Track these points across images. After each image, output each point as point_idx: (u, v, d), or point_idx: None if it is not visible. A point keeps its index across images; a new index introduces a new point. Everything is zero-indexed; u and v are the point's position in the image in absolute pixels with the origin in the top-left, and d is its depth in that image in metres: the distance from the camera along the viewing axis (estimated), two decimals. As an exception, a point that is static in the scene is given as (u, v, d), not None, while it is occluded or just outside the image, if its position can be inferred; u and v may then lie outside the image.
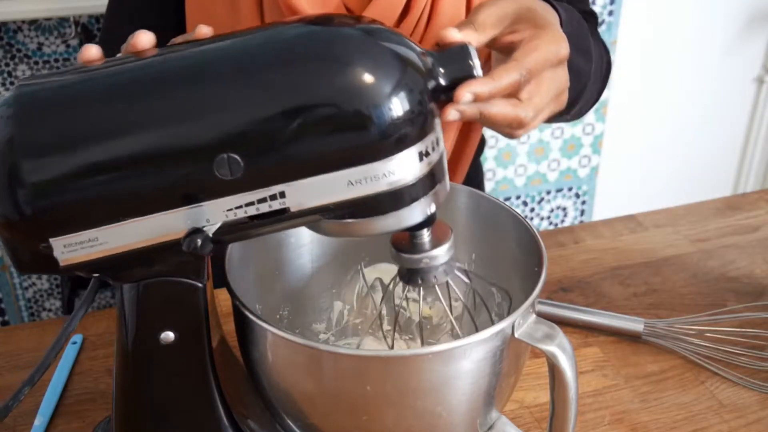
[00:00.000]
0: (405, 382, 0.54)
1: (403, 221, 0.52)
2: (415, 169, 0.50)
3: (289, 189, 0.49)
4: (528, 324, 0.55)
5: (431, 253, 0.56)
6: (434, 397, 0.55)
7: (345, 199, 0.50)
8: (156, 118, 0.49)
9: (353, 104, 0.48)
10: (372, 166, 0.49)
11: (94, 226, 0.50)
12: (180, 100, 0.49)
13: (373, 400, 0.55)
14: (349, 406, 0.56)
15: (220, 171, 0.48)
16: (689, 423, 0.72)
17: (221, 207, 0.50)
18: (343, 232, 0.52)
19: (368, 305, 0.76)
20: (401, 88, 0.49)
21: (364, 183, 0.49)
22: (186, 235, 0.50)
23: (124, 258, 0.52)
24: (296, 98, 0.48)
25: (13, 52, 1.59)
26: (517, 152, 2.07)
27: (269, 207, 0.50)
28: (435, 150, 0.51)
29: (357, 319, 0.76)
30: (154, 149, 0.49)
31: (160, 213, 0.50)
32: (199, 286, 0.55)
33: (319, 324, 0.75)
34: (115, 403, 0.59)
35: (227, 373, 0.61)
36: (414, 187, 0.51)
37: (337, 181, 0.49)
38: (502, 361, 0.56)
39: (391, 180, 0.50)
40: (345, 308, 0.76)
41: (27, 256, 0.51)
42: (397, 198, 0.51)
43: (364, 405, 0.56)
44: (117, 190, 0.49)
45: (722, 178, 2.36)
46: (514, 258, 0.64)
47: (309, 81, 0.48)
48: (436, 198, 0.53)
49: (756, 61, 2.20)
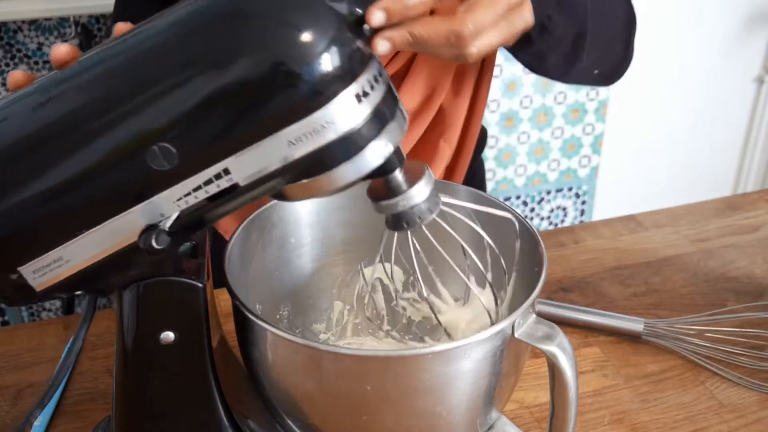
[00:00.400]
0: (405, 382, 0.54)
1: (361, 168, 0.50)
2: (355, 113, 0.48)
3: (232, 164, 0.48)
4: (528, 324, 0.55)
5: (407, 193, 0.54)
6: (434, 397, 0.55)
7: (291, 160, 0.48)
8: (81, 128, 0.48)
9: (271, 63, 0.46)
10: (307, 120, 0.47)
11: (55, 246, 0.50)
12: (100, 105, 0.48)
13: (373, 400, 0.55)
14: (349, 406, 0.56)
15: (156, 163, 0.48)
16: (689, 423, 0.72)
17: (170, 198, 0.49)
18: (305, 193, 0.51)
19: (368, 305, 0.76)
20: (320, 34, 0.46)
21: (305, 139, 0.47)
22: (140, 234, 0.50)
23: (95, 270, 0.52)
24: (207, 73, 0.46)
25: (13, 52, 1.59)
26: (517, 152, 2.07)
27: (218, 187, 0.49)
28: (375, 88, 0.49)
29: (357, 319, 0.76)
30: (87, 159, 0.48)
31: (113, 218, 0.50)
32: (199, 286, 0.55)
33: (319, 324, 0.75)
34: (115, 403, 0.59)
35: (227, 373, 0.61)
36: (360, 132, 0.48)
37: (276, 145, 0.47)
38: (502, 361, 0.56)
39: (331, 130, 0.47)
40: (345, 308, 0.76)
41: (8, 290, 0.53)
42: (345, 146, 0.48)
43: (364, 405, 0.56)
44: (64, 206, 0.49)
45: (722, 178, 2.36)
46: (515, 258, 0.64)
47: (217, 51, 0.46)
48: (392, 137, 0.51)
49: (756, 61, 2.20)
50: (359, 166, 0.50)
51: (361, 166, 0.50)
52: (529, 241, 0.62)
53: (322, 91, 0.46)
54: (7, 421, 0.72)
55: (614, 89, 2.07)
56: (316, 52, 0.46)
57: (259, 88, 0.46)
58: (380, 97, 0.49)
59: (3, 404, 0.74)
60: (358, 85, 0.48)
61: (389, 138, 0.50)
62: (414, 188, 0.54)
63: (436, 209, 0.56)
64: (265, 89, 0.46)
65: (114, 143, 0.48)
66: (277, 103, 0.46)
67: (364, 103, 0.48)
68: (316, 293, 0.74)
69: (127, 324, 0.55)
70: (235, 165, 0.48)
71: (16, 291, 0.52)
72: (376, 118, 0.49)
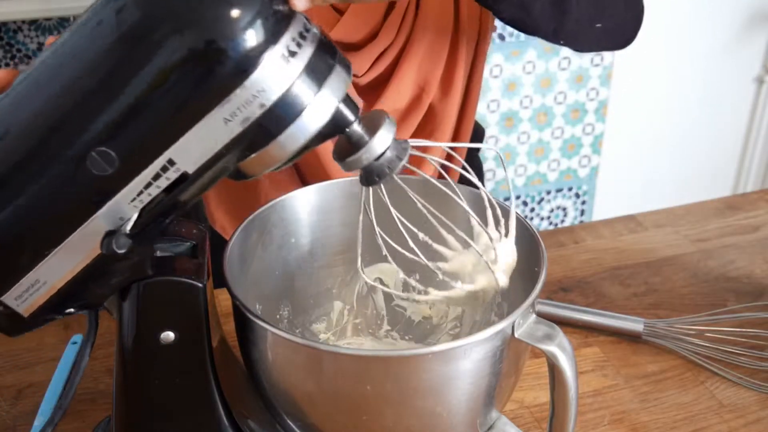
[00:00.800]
0: (405, 382, 0.54)
1: (308, 128, 0.48)
2: (285, 75, 0.46)
3: (174, 154, 0.47)
4: (528, 324, 0.55)
5: (369, 144, 0.52)
6: (434, 397, 0.55)
7: (234, 137, 0.47)
8: (20, 149, 0.48)
9: (195, 44, 0.44)
10: (237, 94, 0.45)
11: (28, 270, 0.51)
12: (33, 122, 0.48)
13: (373, 400, 0.55)
14: (349, 406, 0.56)
15: (98, 169, 0.47)
16: (689, 423, 0.72)
17: (125, 201, 0.49)
18: (262, 165, 0.50)
19: (368, 305, 0.76)
20: (244, 6, 0.44)
21: (240, 113, 0.46)
22: (101, 241, 0.50)
23: (76, 286, 0.52)
24: (130, 68, 0.46)
25: (13, 52, 1.59)
26: (517, 152, 2.07)
27: (168, 180, 0.48)
28: (303, 45, 0.47)
29: (357, 319, 0.76)
30: (33, 179, 0.48)
31: (75, 232, 0.50)
32: (199, 286, 0.55)
33: (319, 324, 0.75)
34: (115, 403, 0.59)
35: (227, 373, 0.61)
36: (296, 92, 0.47)
37: (213, 126, 0.46)
38: (502, 361, 0.56)
39: (264, 98, 0.46)
40: (345, 308, 0.76)
41: (5, 322, 0.53)
42: (284, 110, 0.47)
43: (364, 405, 0.56)
44: (23, 229, 0.50)
45: (722, 178, 2.36)
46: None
47: (136, 46, 0.46)
48: (335, 90, 0.49)
49: (756, 61, 2.20)
50: (305, 126, 0.48)
51: (308, 125, 0.48)
52: (529, 241, 0.62)
53: (246, 61, 0.45)
54: (8, 421, 0.72)
55: (614, 89, 2.07)
56: (241, 25, 0.44)
57: (182, 72, 0.45)
58: (311, 52, 0.47)
59: (3, 404, 0.74)
60: (282, 46, 0.46)
61: (332, 92, 0.48)
62: (375, 138, 0.52)
63: (404, 155, 0.54)
64: (189, 72, 0.45)
65: (53, 157, 0.48)
66: (204, 84, 0.45)
67: (293, 63, 0.46)
68: (316, 293, 0.74)
69: (127, 324, 0.55)
70: (177, 155, 0.47)
71: (8, 320, 0.53)
72: (311, 74, 0.47)
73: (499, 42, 1.91)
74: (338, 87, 0.49)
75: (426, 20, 0.86)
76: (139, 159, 0.48)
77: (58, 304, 0.53)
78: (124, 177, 0.48)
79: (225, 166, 0.49)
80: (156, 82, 0.45)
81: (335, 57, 0.50)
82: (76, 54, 0.48)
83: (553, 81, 2.01)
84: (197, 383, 0.58)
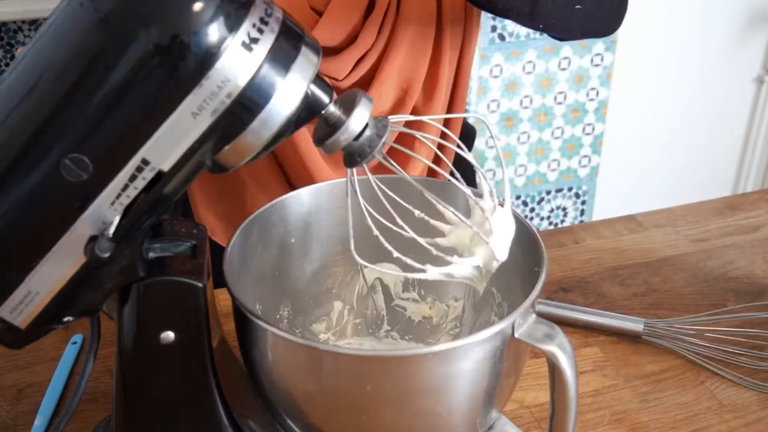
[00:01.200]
0: (405, 382, 0.54)
1: (279, 114, 0.48)
2: (248, 63, 0.46)
3: (147, 154, 0.47)
4: (528, 324, 0.55)
5: (345, 125, 0.52)
6: (434, 397, 0.55)
7: (205, 130, 0.47)
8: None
9: (155, 40, 0.44)
10: (201, 87, 0.45)
11: (19, 282, 0.50)
12: (2, 136, 0.48)
13: (374, 399, 0.55)
14: (349, 405, 0.56)
15: (73, 176, 0.47)
16: (689, 423, 0.72)
17: (104, 205, 0.48)
18: (238, 156, 0.49)
19: (368, 305, 0.76)
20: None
21: (207, 105, 0.46)
22: (85, 246, 0.50)
23: (69, 294, 0.52)
24: (94, 73, 0.45)
25: (13, 52, 1.59)
26: (517, 152, 2.07)
27: (144, 180, 0.48)
28: (265, 31, 0.46)
29: (357, 319, 0.76)
30: (11, 192, 0.48)
31: (59, 240, 0.49)
32: (199, 286, 0.55)
33: (319, 324, 0.75)
34: (115, 403, 0.59)
35: (227, 373, 0.61)
36: (261, 79, 0.46)
37: (181, 121, 0.46)
38: (502, 361, 0.55)
39: (230, 88, 0.45)
40: (345, 308, 0.76)
41: (4, 335, 0.53)
42: (252, 98, 0.47)
43: (365, 405, 0.56)
44: (7, 242, 0.50)
45: (722, 178, 2.36)
46: (515, 258, 0.64)
47: (99, 48, 0.45)
48: (303, 73, 0.48)
49: (756, 61, 2.20)
50: (277, 112, 0.48)
51: (279, 111, 0.48)
52: (529, 241, 0.62)
53: (208, 54, 0.44)
54: (8, 421, 0.72)
55: (614, 89, 2.07)
56: (203, 18, 0.44)
57: (147, 70, 0.45)
58: (274, 37, 0.47)
59: (3, 404, 0.74)
60: (243, 33, 0.45)
61: (300, 75, 0.48)
62: (352, 117, 0.52)
63: (384, 132, 0.53)
64: (155, 69, 0.45)
65: (28, 168, 0.48)
66: (169, 80, 0.45)
67: (255, 50, 0.46)
68: (316, 293, 0.74)
69: (127, 324, 0.55)
70: (151, 154, 0.47)
71: (8, 334, 0.53)
72: (276, 60, 0.47)
73: (499, 42, 1.91)
74: (306, 69, 0.49)
75: (407, 20, 0.85)
76: (112, 162, 0.47)
77: (54, 313, 0.53)
78: (101, 181, 0.48)
79: (201, 161, 0.49)
80: (122, 82, 0.45)
81: (301, 39, 0.49)
82: (40, 60, 0.48)
83: (553, 81, 2.01)
84: (197, 383, 0.58)
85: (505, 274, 0.67)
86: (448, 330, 0.75)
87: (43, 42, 0.48)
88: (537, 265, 0.59)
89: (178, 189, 0.50)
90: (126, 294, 0.54)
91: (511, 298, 0.67)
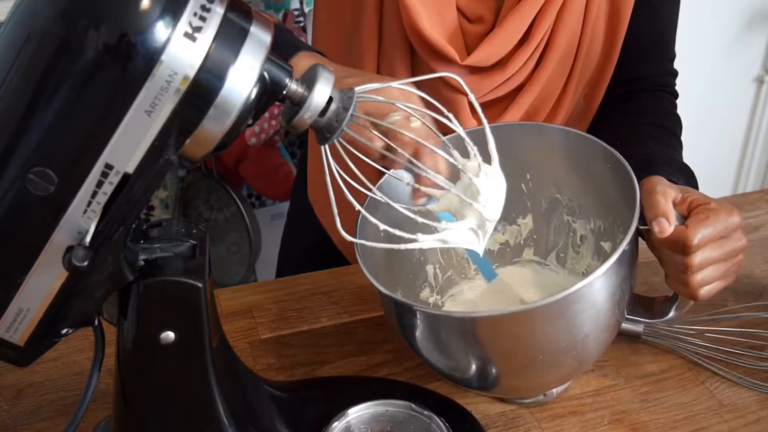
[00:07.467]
0: (562, 316, 0.62)
1: (237, 98, 0.47)
2: (194, 52, 0.45)
3: (109, 158, 0.46)
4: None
5: (308, 101, 0.51)
6: (582, 317, 0.63)
7: (162, 126, 0.46)
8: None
9: (104, 40, 0.43)
10: (149, 84, 0.44)
11: (8, 301, 0.50)
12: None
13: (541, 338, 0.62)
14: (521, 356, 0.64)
15: (40, 189, 0.47)
16: (689, 423, 0.72)
17: (77, 214, 0.48)
18: (203, 147, 0.48)
19: (452, 256, 0.83)
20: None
21: (159, 101, 0.45)
22: (62, 258, 0.49)
23: (60, 306, 0.52)
24: (40, 81, 0.45)
25: (13, 52, 1.59)
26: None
27: (112, 185, 0.47)
28: (208, 18, 0.45)
29: (449, 271, 0.83)
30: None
31: (39, 255, 0.49)
32: (199, 286, 0.55)
33: (424, 291, 0.80)
34: (115, 403, 0.59)
35: (227, 373, 0.61)
36: (210, 66, 0.45)
37: (137, 120, 0.45)
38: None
39: (178, 81, 0.45)
40: (436, 268, 0.81)
41: (6, 353, 0.53)
42: (205, 87, 0.46)
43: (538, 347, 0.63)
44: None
45: (722, 178, 2.36)
46: (565, 154, 0.71)
47: (44, 52, 0.44)
48: (254, 54, 0.47)
49: (756, 61, 2.20)
50: (232, 96, 0.47)
51: (235, 96, 0.47)
52: (622, 175, 0.68)
53: (151, 50, 0.44)
54: (8, 421, 0.72)
55: (614, 89, 2.07)
56: (144, 13, 0.43)
57: (96, 73, 0.44)
58: (218, 22, 0.46)
59: (3, 404, 0.74)
60: (185, 24, 0.44)
61: (252, 57, 0.47)
62: (314, 93, 0.51)
63: (350, 104, 0.53)
64: (105, 71, 0.44)
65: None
66: (118, 81, 0.44)
67: (199, 39, 0.45)
68: (407, 267, 0.79)
69: (127, 324, 0.55)
70: (113, 158, 0.46)
71: (11, 351, 0.53)
72: (223, 45, 0.46)
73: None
74: (257, 50, 0.47)
75: (554, 55, 0.88)
76: (76, 171, 0.47)
77: (50, 327, 0.52)
78: (68, 192, 0.47)
79: (166, 158, 0.48)
80: (72, 88, 0.44)
81: (250, 20, 0.48)
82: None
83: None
84: (197, 383, 0.58)
85: (564, 174, 0.76)
86: (528, 245, 0.83)
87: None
88: (631, 197, 0.66)
89: (149, 189, 0.49)
90: (126, 295, 0.54)
91: (578, 194, 0.77)
